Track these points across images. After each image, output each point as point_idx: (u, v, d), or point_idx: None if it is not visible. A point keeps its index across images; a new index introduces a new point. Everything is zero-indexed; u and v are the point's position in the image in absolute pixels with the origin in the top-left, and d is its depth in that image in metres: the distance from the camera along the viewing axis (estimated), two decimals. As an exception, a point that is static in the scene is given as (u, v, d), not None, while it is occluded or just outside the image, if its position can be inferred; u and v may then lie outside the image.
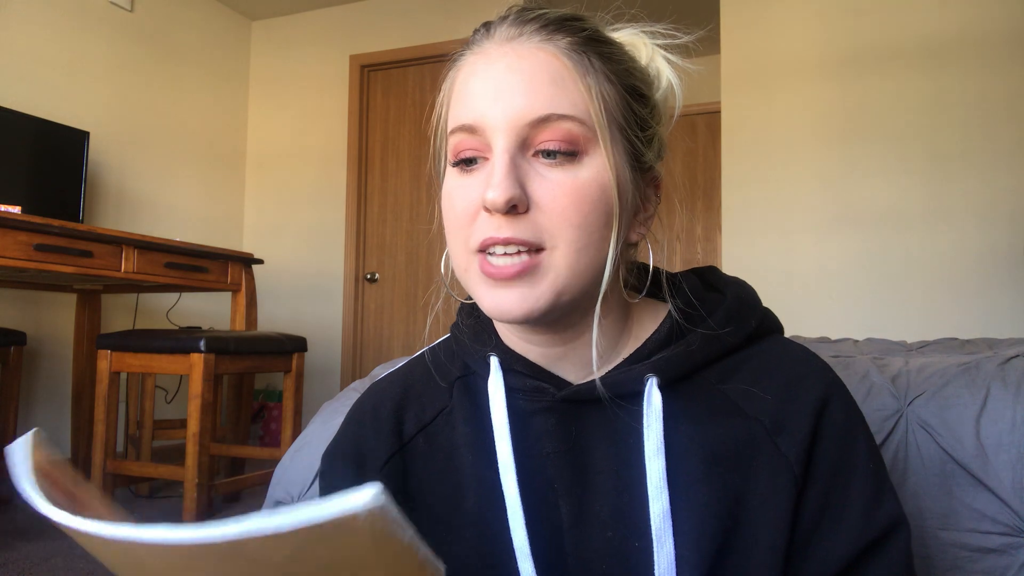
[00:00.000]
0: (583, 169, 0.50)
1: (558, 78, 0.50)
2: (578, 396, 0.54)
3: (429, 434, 0.59)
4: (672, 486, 0.50)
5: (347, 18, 4.14)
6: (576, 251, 0.49)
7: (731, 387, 0.53)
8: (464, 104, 0.52)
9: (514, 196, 0.48)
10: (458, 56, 0.55)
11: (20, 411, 2.83)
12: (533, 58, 0.50)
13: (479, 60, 0.52)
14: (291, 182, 4.22)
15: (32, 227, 2.05)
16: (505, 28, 0.52)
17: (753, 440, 0.51)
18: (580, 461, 0.54)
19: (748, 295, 0.59)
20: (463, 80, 0.53)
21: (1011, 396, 0.75)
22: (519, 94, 0.49)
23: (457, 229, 0.53)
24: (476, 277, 0.52)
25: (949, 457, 0.74)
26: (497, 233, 0.49)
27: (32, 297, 3.06)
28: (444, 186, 0.55)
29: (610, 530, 0.52)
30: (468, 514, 0.55)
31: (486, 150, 0.51)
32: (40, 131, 2.88)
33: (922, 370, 0.84)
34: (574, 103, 0.49)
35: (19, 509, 2.53)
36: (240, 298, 2.79)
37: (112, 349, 2.13)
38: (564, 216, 0.49)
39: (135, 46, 3.62)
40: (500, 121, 0.49)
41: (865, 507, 0.50)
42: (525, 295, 0.50)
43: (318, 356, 3.95)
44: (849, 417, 0.52)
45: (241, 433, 2.84)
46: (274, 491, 1.03)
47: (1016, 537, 0.71)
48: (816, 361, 0.55)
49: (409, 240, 3.97)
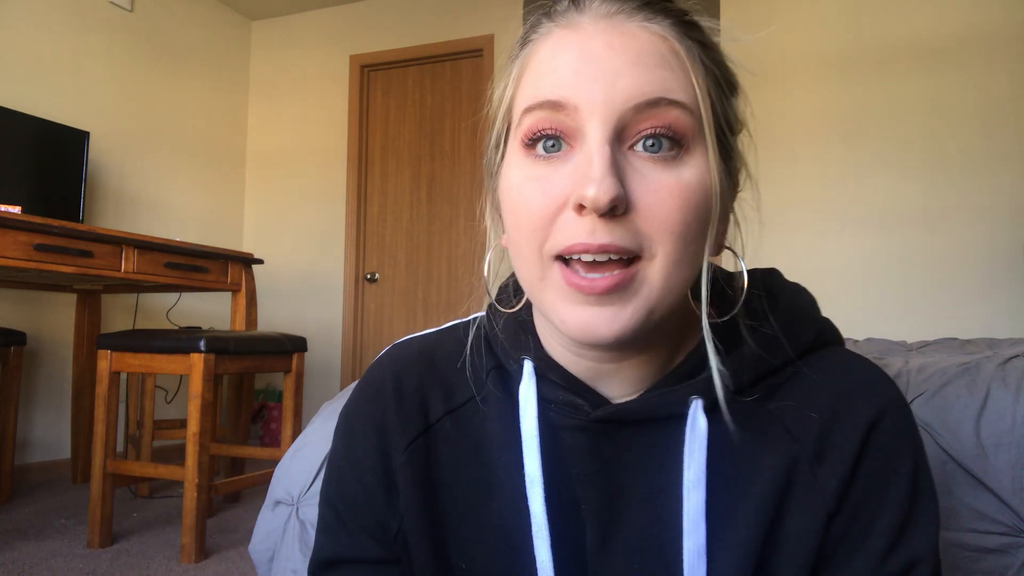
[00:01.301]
0: (686, 169, 0.44)
1: (667, 61, 0.43)
2: (615, 417, 0.49)
3: (458, 419, 0.54)
4: (710, 520, 0.46)
5: (347, 18, 4.14)
6: (673, 263, 0.43)
7: (778, 405, 0.49)
8: (549, 80, 0.44)
9: (619, 195, 0.41)
10: (531, 32, 0.48)
11: (20, 411, 2.84)
12: (638, 38, 0.43)
13: (570, 35, 0.45)
14: (291, 182, 4.22)
15: (32, 227, 2.05)
16: (600, 2, 0.45)
17: (793, 467, 0.47)
18: (611, 485, 0.50)
19: (804, 304, 0.53)
20: (546, 55, 0.45)
21: (1011, 396, 0.75)
22: (625, 74, 0.42)
23: (531, 230, 0.45)
24: (555, 290, 0.45)
25: (949, 457, 0.74)
26: (591, 239, 0.42)
27: (32, 297, 3.06)
28: (509, 178, 0.47)
29: (637, 561, 0.48)
30: (493, 517, 0.51)
31: (572, 135, 0.44)
32: (40, 131, 2.88)
33: (922, 370, 0.84)
34: (684, 89, 0.43)
35: (19, 509, 2.53)
36: (240, 298, 2.79)
37: (112, 349, 2.13)
38: (667, 222, 0.42)
39: (135, 46, 3.62)
40: (598, 102, 0.42)
41: (883, 547, 0.46)
42: (616, 314, 0.43)
43: (318, 356, 3.95)
44: (897, 444, 0.47)
45: (241, 433, 2.84)
46: (274, 491, 1.03)
47: (1016, 537, 0.71)
48: (875, 375, 0.50)
49: (409, 240, 3.97)
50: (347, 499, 0.56)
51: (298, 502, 0.99)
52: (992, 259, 2.82)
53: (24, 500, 2.66)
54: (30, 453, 3.03)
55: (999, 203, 2.82)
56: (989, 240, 2.83)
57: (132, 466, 2.17)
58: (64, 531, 2.27)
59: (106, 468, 2.11)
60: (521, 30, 0.49)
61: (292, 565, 0.94)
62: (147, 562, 1.99)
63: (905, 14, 3.00)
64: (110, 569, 1.93)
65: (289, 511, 0.99)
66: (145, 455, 2.71)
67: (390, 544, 0.55)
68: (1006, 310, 2.79)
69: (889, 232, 2.97)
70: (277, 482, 1.03)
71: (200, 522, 2.02)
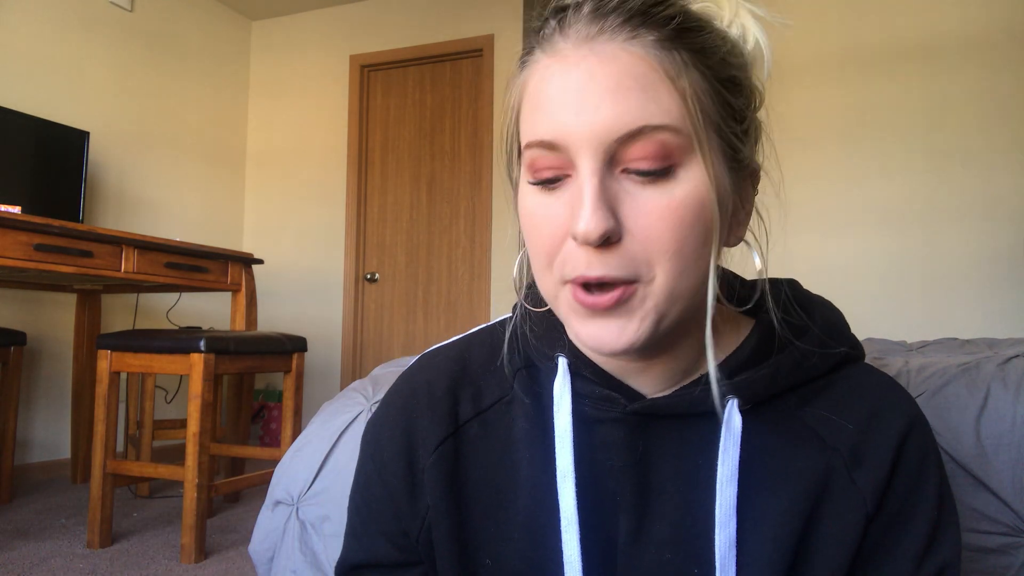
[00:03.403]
0: (679, 185, 0.44)
1: (648, 83, 0.43)
2: (651, 410, 0.50)
3: (485, 421, 0.56)
4: (741, 515, 0.48)
5: (347, 18, 4.14)
6: (675, 277, 0.45)
7: (810, 413, 0.51)
8: (541, 115, 0.46)
9: (608, 228, 0.43)
10: (526, 55, 0.49)
11: (20, 411, 2.84)
12: (618, 61, 0.44)
13: (554, 64, 0.46)
14: (291, 182, 4.22)
15: (32, 227, 2.05)
16: (582, 24, 0.45)
17: (829, 471, 0.49)
18: (645, 478, 0.51)
19: (838, 319, 0.56)
20: (537, 86, 0.47)
21: (1011, 396, 0.75)
22: (605, 105, 0.43)
23: (542, 254, 0.48)
24: (568, 307, 0.47)
25: (949, 457, 0.74)
26: (588, 271, 0.44)
27: (32, 297, 3.06)
28: (522, 201, 0.49)
29: (668, 552, 0.50)
30: (519, 514, 0.53)
31: (568, 167, 0.46)
32: (40, 131, 2.88)
33: (922, 370, 0.84)
34: (667, 110, 0.43)
35: (19, 509, 2.53)
36: (240, 298, 2.79)
37: (112, 349, 2.13)
38: (660, 244, 0.44)
39: (135, 46, 3.62)
40: (585, 137, 0.44)
41: (919, 552, 0.48)
42: (624, 326, 0.45)
43: (318, 356, 3.95)
44: (925, 455, 0.50)
45: (241, 433, 2.84)
46: (274, 491, 1.03)
47: (1016, 537, 0.71)
48: (901, 393, 0.52)
49: (409, 240, 3.97)
50: (370, 503, 0.58)
51: (298, 502, 0.99)
52: (992, 259, 2.82)
53: (24, 500, 2.66)
54: (30, 453, 3.03)
55: (999, 203, 2.83)
56: (989, 240, 2.83)
57: (132, 466, 2.17)
58: (64, 531, 2.27)
59: (106, 468, 2.11)
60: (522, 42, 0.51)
61: (292, 565, 0.94)
62: (147, 562, 1.99)
63: (905, 14, 3.00)
64: (110, 569, 1.93)
65: (289, 511, 0.99)
66: (145, 455, 2.71)
67: (411, 548, 0.56)
68: (1006, 310, 2.79)
69: (889, 232, 2.97)
70: (277, 482, 1.03)
71: (200, 522, 2.02)
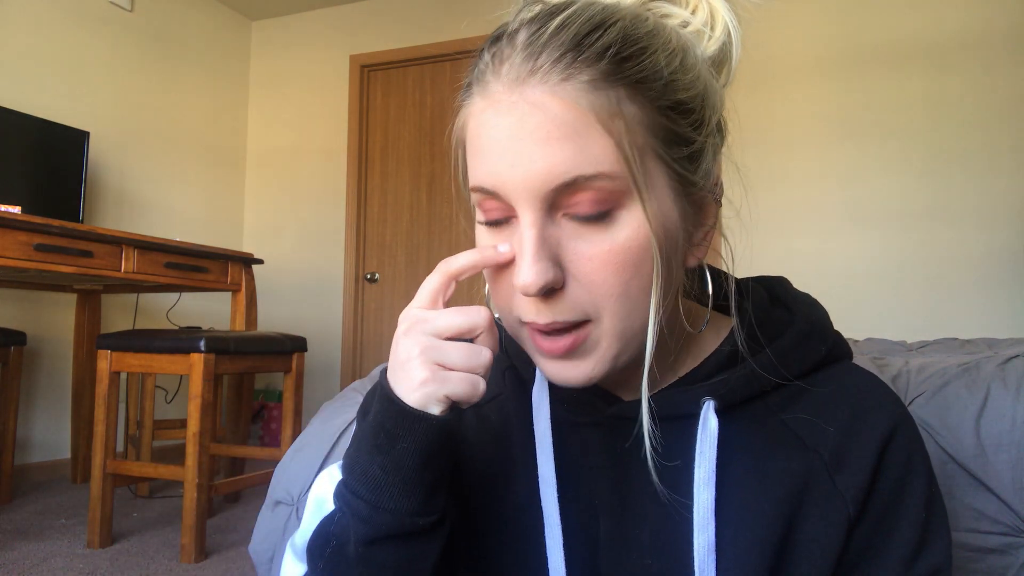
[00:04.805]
0: (620, 229, 0.44)
1: (579, 129, 0.42)
2: (629, 413, 0.51)
3: (481, 416, 0.57)
4: (720, 518, 0.48)
5: (347, 18, 4.14)
6: (623, 319, 0.45)
7: (792, 416, 0.50)
8: (479, 161, 0.46)
9: (548, 281, 0.43)
10: (466, 90, 0.48)
11: (20, 411, 2.84)
12: (546, 109, 0.42)
13: (488, 109, 0.45)
14: (291, 182, 4.22)
15: (32, 227, 2.05)
16: (516, 62, 0.43)
17: (810, 474, 0.48)
18: (624, 480, 0.51)
19: (820, 318, 0.54)
20: (475, 131, 0.46)
21: (1011, 396, 0.75)
22: (537, 157, 0.42)
23: (499, 296, 0.49)
24: (530, 346, 0.48)
25: (949, 457, 0.74)
26: (537, 319, 0.45)
27: (32, 297, 3.06)
28: (478, 238, 0.50)
29: (649, 557, 0.49)
30: (509, 509, 0.53)
31: (511, 210, 0.46)
32: (40, 131, 2.88)
33: (922, 370, 0.84)
34: (598, 158, 0.42)
35: (19, 509, 2.53)
36: (240, 298, 2.79)
37: (112, 349, 2.13)
38: (604, 288, 0.44)
39: (135, 46, 3.62)
40: (521, 188, 0.43)
41: (906, 557, 0.47)
42: (580, 365, 0.47)
43: (318, 356, 3.95)
44: (910, 457, 0.49)
45: (241, 433, 2.84)
46: (274, 491, 1.03)
47: (1016, 537, 0.71)
48: (885, 392, 0.52)
49: (409, 240, 3.97)
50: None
51: (298, 502, 0.99)
52: (992, 259, 2.82)
53: (24, 500, 2.66)
54: (30, 453, 3.03)
55: (999, 203, 2.82)
56: (989, 240, 2.83)
57: (132, 466, 2.17)
58: (64, 531, 2.27)
59: (106, 468, 2.11)
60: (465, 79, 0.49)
61: (292, 565, 0.94)
62: (147, 562, 1.99)
63: (905, 14, 3.00)
64: (110, 569, 1.93)
65: (289, 511, 0.99)
66: (145, 455, 2.71)
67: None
68: (1005, 310, 2.79)
69: (889, 232, 2.97)
70: (277, 482, 1.03)
71: (200, 522, 2.02)
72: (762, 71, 3.13)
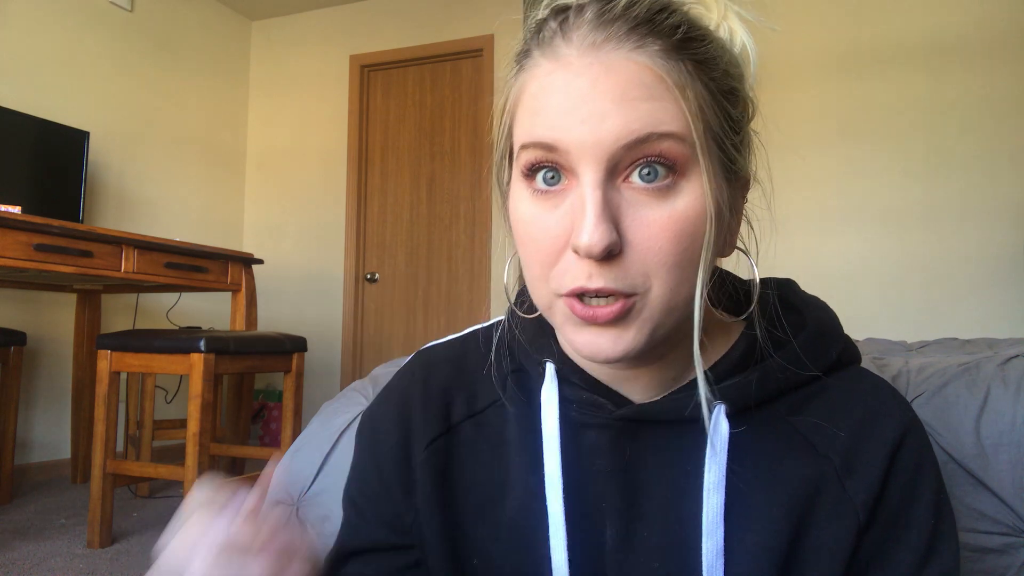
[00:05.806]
0: (680, 198, 0.44)
1: (655, 92, 0.43)
2: (638, 416, 0.50)
3: (479, 423, 0.56)
4: (729, 523, 0.47)
5: (347, 18, 4.14)
6: (671, 289, 0.44)
7: (802, 420, 0.50)
8: (541, 119, 0.45)
9: (612, 243, 0.42)
10: (523, 56, 0.47)
11: (20, 411, 2.84)
12: (624, 71, 0.43)
13: (557, 70, 0.44)
14: (291, 182, 4.22)
15: (32, 227, 2.05)
16: (587, 31, 0.44)
17: (820, 480, 0.48)
18: (632, 484, 0.51)
19: (830, 321, 0.54)
20: (536, 92, 0.45)
21: (1011, 396, 0.75)
22: (611, 114, 0.42)
23: (538, 264, 0.46)
24: (562, 316, 0.46)
25: (949, 457, 0.74)
26: (589, 283, 0.43)
27: (32, 297, 3.06)
28: (515, 207, 0.48)
29: (656, 561, 0.49)
30: (508, 516, 0.53)
31: (568, 170, 0.45)
32: (40, 131, 2.88)
33: (922, 370, 0.84)
34: (674, 118, 0.43)
35: (19, 509, 2.53)
36: (240, 298, 2.79)
37: (112, 349, 2.13)
38: (661, 257, 0.43)
39: (135, 46, 3.62)
40: (588, 146, 0.43)
41: (915, 563, 0.47)
42: (620, 336, 0.45)
43: (318, 356, 3.95)
44: (920, 463, 0.49)
45: (241, 433, 2.84)
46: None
47: (1016, 537, 0.71)
48: (896, 397, 0.51)
49: (409, 240, 3.97)
50: (365, 492, 0.58)
51: (298, 502, 0.99)
52: (992, 259, 2.82)
53: (24, 500, 2.66)
54: (30, 453, 3.03)
55: (999, 203, 2.83)
56: (989, 240, 2.83)
57: (132, 466, 2.17)
58: (64, 531, 2.27)
59: (106, 468, 2.11)
60: (518, 43, 0.49)
61: (292, 565, 0.94)
62: (147, 562, 1.99)
63: (906, 14, 3.00)
64: (110, 569, 1.93)
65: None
66: (145, 455, 2.71)
67: (406, 532, 0.56)
68: (1005, 310, 2.79)
69: (889, 232, 2.97)
70: (277, 482, 1.03)
71: (200, 522, 2.02)
72: (762, 72, 3.12)
